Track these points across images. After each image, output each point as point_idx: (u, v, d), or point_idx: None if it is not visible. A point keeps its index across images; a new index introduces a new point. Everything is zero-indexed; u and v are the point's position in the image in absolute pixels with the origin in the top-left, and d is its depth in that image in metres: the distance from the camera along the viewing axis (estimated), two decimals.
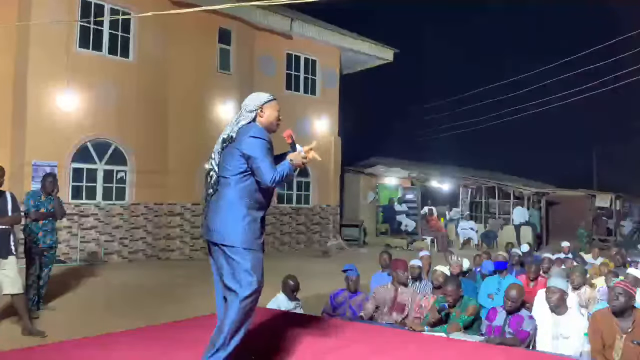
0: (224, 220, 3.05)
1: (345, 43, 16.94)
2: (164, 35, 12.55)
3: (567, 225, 19.23)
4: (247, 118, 3.20)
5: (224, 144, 3.15)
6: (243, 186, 3.09)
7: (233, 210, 3.05)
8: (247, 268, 2.99)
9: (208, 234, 3.11)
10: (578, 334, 4.32)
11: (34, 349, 3.97)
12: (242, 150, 3.06)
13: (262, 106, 3.23)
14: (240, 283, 2.98)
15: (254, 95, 3.31)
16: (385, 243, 17.16)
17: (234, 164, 3.08)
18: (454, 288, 4.88)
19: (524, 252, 9.46)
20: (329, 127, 16.76)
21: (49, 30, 10.73)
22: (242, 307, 2.96)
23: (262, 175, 3.02)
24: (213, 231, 3.07)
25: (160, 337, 4.04)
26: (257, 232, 3.10)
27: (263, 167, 3.02)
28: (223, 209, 3.07)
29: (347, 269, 5.90)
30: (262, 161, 3.03)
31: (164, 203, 12.68)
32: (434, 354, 3.85)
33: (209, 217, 3.13)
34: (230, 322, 2.96)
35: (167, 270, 10.85)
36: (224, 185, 3.11)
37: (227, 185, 3.10)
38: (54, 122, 11.03)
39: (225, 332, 2.96)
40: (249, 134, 3.08)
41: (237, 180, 3.08)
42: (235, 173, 3.08)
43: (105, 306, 7.45)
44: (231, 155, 3.10)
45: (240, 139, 3.09)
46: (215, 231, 3.06)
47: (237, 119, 3.22)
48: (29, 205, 6.68)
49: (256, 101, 3.25)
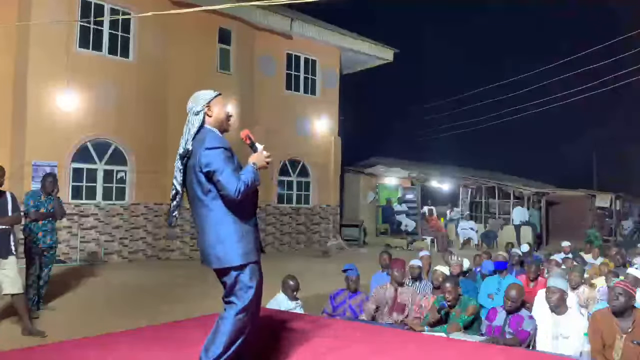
0: (207, 243, 2.89)
1: (345, 43, 16.94)
2: (164, 35, 12.55)
3: (567, 225, 19.24)
4: (196, 122, 2.94)
5: (182, 160, 2.91)
6: (219, 203, 2.86)
7: (221, 230, 2.86)
8: (246, 282, 2.90)
9: (205, 261, 2.95)
10: (578, 334, 4.32)
11: (34, 349, 3.97)
12: (200, 167, 2.82)
13: (208, 104, 2.99)
14: (240, 297, 2.90)
15: (197, 95, 3.02)
16: (385, 243, 17.15)
17: (201, 181, 2.86)
18: (453, 287, 4.88)
19: (524, 252, 9.46)
20: (329, 127, 16.76)
21: (49, 30, 10.73)
22: (234, 320, 2.88)
23: (225, 189, 2.77)
24: (208, 256, 2.91)
25: (160, 337, 4.04)
26: (252, 242, 2.96)
27: (224, 180, 2.77)
28: (210, 232, 2.88)
29: (347, 269, 5.90)
30: (221, 173, 2.78)
31: (164, 203, 12.67)
32: (434, 354, 3.85)
33: (199, 241, 2.98)
34: (222, 334, 2.87)
35: (167, 270, 10.85)
36: (200, 207, 2.91)
37: (205, 206, 2.89)
38: (54, 122, 11.03)
39: (220, 344, 2.86)
40: (203, 145, 2.83)
41: (212, 197, 2.87)
42: (207, 191, 2.86)
43: (105, 306, 7.45)
44: (194, 172, 2.88)
45: (196, 152, 2.85)
46: (210, 256, 2.89)
47: (187, 127, 2.96)
48: (28, 205, 6.68)
49: (201, 100, 2.99)
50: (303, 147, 15.85)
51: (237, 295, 2.90)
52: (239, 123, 12.74)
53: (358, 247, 16.64)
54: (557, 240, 14.18)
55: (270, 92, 15.03)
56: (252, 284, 2.92)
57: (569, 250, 10.03)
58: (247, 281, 2.90)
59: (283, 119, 15.09)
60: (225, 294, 2.97)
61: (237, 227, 2.90)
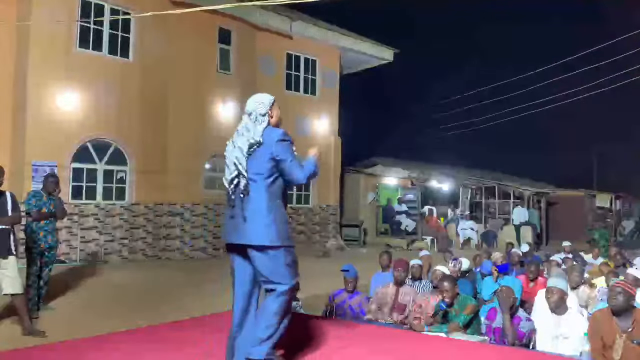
0: (263, 222, 3.12)
1: (345, 43, 16.95)
2: (164, 35, 12.56)
3: (567, 225, 19.25)
4: (264, 121, 3.29)
5: (250, 148, 3.19)
6: (274, 188, 3.20)
7: (270, 212, 3.14)
8: (288, 262, 3.17)
9: (244, 239, 3.14)
10: (578, 334, 4.32)
11: (34, 349, 3.97)
12: (272, 155, 3.16)
13: (271, 108, 3.37)
14: (285, 277, 3.14)
15: (260, 97, 3.39)
16: (385, 243, 17.15)
17: (264, 167, 3.17)
18: (450, 285, 4.88)
19: (524, 252, 9.46)
20: (329, 127, 16.77)
21: (49, 30, 10.74)
22: (286, 299, 3.13)
23: (296, 175, 3.20)
24: (252, 235, 3.12)
25: (160, 337, 4.04)
26: (289, 229, 3.29)
27: (294, 167, 3.19)
28: (260, 212, 3.13)
29: (345, 269, 5.90)
30: (292, 161, 3.19)
31: (164, 203, 12.68)
32: (434, 354, 3.85)
33: (241, 222, 3.16)
34: (275, 315, 3.10)
35: (167, 270, 10.85)
36: (255, 190, 3.17)
37: (259, 188, 3.17)
38: (54, 122, 11.03)
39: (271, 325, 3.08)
40: (277, 138, 3.20)
41: (268, 184, 3.18)
42: (266, 176, 3.17)
43: (105, 306, 7.45)
44: (258, 159, 3.17)
45: (267, 142, 3.19)
46: (256, 234, 3.11)
47: (254, 124, 3.28)
48: (30, 205, 6.68)
49: (267, 103, 3.36)
50: (303, 147, 15.79)
51: (284, 275, 3.14)
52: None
53: (358, 247, 16.64)
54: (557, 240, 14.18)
55: (270, 92, 14.69)
56: (295, 266, 3.22)
57: (570, 250, 10.02)
58: (291, 262, 3.20)
59: (283, 119, 15.04)
60: (269, 275, 3.14)
61: (283, 212, 3.26)
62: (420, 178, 20.32)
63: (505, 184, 20.30)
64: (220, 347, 3.38)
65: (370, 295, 6.08)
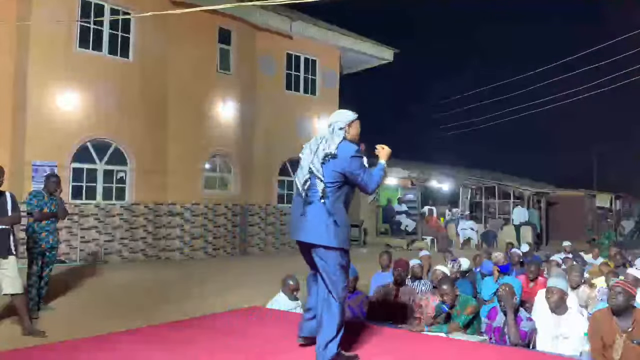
0: (325, 223, 3.42)
1: (345, 43, 16.93)
2: (164, 35, 12.55)
3: (567, 225, 19.25)
4: (340, 135, 3.54)
5: (325, 157, 3.46)
6: (339, 195, 3.50)
7: (332, 215, 3.43)
8: (343, 264, 3.48)
9: (307, 237, 3.46)
10: (578, 333, 4.32)
11: (34, 349, 3.97)
12: (345, 169, 3.45)
13: (350, 124, 3.59)
14: (342, 275, 3.46)
15: (342, 113, 3.67)
16: (385, 243, 17.15)
17: (334, 176, 3.45)
18: (450, 288, 4.88)
19: (524, 252, 9.46)
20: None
21: (49, 30, 10.73)
22: (343, 297, 3.44)
23: (367, 188, 3.55)
24: (313, 234, 3.43)
25: (160, 337, 4.04)
26: (348, 233, 3.57)
27: (366, 181, 3.51)
28: (323, 215, 3.43)
29: None
30: (364, 176, 3.50)
31: (164, 203, 12.68)
32: (434, 354, 3.85)
33: (305, 221, 3.47)
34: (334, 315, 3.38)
35: (167, 270, 10.85)
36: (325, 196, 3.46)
37: (332, 196, 3.47)
38: (54, 122, 11.02)
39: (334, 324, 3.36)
40: (350, 154, 3.47)
41: (335, 189, 3.47)
42: (334, 182, 3.46)
43: (105, 306, 7.45)
44: (330, 168, 3.45)
45: (342, 156, 3.46)
46: (316, 234, 3.42)
47: (331, 135, 3.54)
48: (32, 205, 6.69)
49: (345, 119, 3.60)
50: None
51: (340, 274, 3.46)
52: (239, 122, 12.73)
53: (358, 247, 16.63)
54: (557, 240, 14.18)
55: (270, 92, 15.02)
56: (348, 267, 3.57)
57: (570, 250, 10.03)
58: (346, 264, 3.53)
59: (283, 119, 15.09)
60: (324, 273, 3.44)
61: (347, 217, 3.55)
62: (420, 178, 20.32)
63: (505, 184, 20.29)
64: (220, 347, 3.37)
65: (370, 295, 6.09)
